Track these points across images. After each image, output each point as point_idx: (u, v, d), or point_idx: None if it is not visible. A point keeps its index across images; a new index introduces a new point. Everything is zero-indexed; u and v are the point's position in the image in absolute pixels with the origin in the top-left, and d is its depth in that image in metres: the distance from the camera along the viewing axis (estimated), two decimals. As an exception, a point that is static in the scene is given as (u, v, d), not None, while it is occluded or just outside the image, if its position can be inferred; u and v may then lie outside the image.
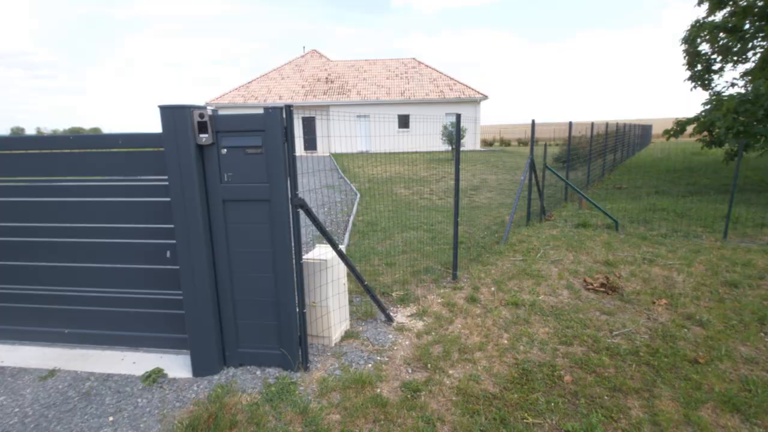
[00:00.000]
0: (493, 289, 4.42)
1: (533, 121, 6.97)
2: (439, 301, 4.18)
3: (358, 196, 10.44)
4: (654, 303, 4.03)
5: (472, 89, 26.25)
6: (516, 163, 18.39)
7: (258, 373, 3.01)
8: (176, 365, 3.13)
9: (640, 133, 26.80)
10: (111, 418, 2.58)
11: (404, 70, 28.38)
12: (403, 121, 26.38)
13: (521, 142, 39.03)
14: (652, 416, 2.52)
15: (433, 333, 3.54)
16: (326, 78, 28.04)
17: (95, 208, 3.20)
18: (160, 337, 3.32)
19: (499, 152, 25.65)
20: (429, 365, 3.07)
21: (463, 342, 3.37)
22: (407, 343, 3.42)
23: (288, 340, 2.97)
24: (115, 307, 3.32)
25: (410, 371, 3.04)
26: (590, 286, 4.40)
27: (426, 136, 24.03)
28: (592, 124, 10.61)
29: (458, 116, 4.54)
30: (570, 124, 9.20)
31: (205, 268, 2.85)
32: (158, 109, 2.72)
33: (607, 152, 13.89)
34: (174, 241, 3.12)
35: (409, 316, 3.90)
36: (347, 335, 3.53)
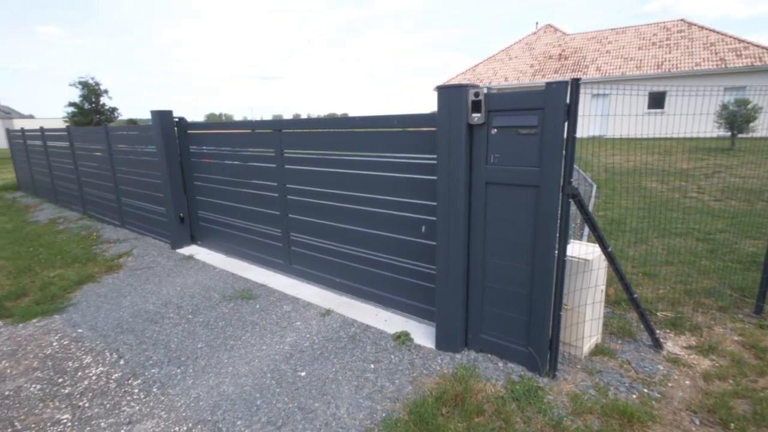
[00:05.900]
0: (838, 342, 2.99)
1: None
2: (736, 338, 3.11)
3: (594, 188, 9.07)
4: None
5: (778, 52, 18.93)
6: None
7: (499, 364, 2.89)
8: (419, 333, 3.34)
9: None
10: (372, 366, 2.95)
11: (665, 36, 22.87)
12: (656, 100, 21.47)
13: None
14: None
15: (731, 380, 2.64)
16: (559, 54, 25.43)
17: (368, 181, 3.67)
18: (407, 303, 3.61)
19: (817, 141, 17.82)
20: (732, 425, 2.28)
21: (789, 408, 2.37)
22: (688, 382, 2.66)
23: (537, 339, 2.72)
24: (375, 268, 3.79)
25: (697, 422, 2.33)
26: None
27: (689, 118, 18.89)
28: None
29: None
30: None
31: (460, 248, 2.87)
32: (436, 90, 2.83)
33: None
34: (430, 218, 3.28)
35: (686, 347, 3.04)
36: (598, 350, 3.02)
